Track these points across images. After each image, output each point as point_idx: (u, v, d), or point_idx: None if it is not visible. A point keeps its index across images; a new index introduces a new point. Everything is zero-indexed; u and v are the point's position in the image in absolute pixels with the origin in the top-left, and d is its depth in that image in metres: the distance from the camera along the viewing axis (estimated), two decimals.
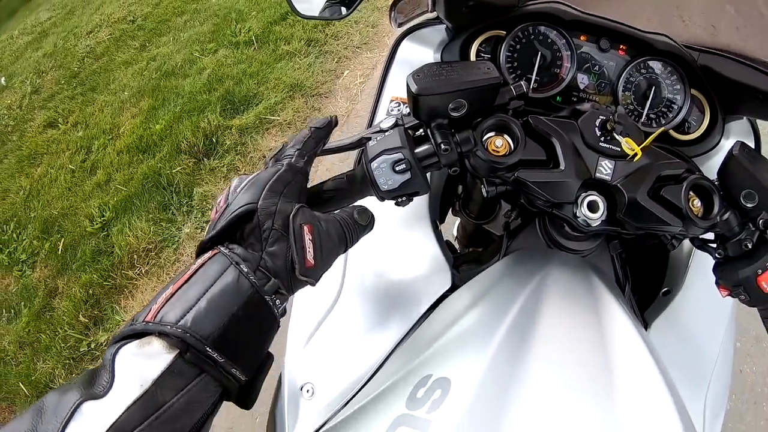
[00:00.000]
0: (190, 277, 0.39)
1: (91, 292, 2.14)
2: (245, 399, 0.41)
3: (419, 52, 0.77)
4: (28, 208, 2.68)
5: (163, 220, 2.32)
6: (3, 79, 3.92)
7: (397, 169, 0.49)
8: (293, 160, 0.49)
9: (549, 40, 0.69)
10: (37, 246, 2.46)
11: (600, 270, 0.63)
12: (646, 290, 0.80)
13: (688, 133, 0.70)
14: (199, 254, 0.43)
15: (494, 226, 0.96)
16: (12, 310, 2.25)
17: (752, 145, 0.75)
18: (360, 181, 0.52)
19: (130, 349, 0.34)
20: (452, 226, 1.39)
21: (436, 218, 0.80)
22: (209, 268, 0.39)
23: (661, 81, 0.69)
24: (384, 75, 0.80)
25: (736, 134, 0.74)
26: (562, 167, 0.53)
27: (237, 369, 0.37)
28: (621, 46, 0.70)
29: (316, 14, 0.80)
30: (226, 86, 2.84)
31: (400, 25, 0.80)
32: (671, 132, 0.69)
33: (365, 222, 0.50)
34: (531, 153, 0.54)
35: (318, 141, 0.52)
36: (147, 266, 2.18)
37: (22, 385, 1.96)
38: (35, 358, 2.03)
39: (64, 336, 2.04)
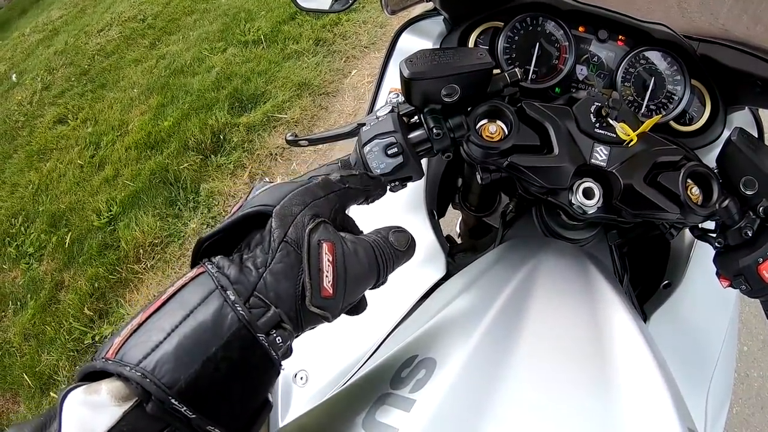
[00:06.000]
0: (166, 301, 0.31)
1: (96, 285, 2.15)
2: None
3: (418, 44, 0.76)
4: (37, 202, 2.70)
5: (170, 215, 2.33)
6: (14, 75, 3.97)
7: (389, 152, 0.49)
8: (331, 175, 0.41)
9: (547, 31, 0.68)
10: (45, 239, 2.48)
11: (597, 259, 0.62)
12: (647, 283, 0.78)
13: (689, 125, 0.68)
14: (195, 259, 0.36)
15: (494, 219, 0.95)
16: (18, 302, 2.27)
17: (754, 134, 0.74)
18: (354, 167, 0.51)
19: (78, 395, 0.27)
20: (455, 226, 1.39)
21: (434, 208, 0.79)
22: (190, 291, 0.31)
23: (661, 71, 0.68)
24: (384, 66, 0.79)
25: (738, 125, 0.73)
26: (555, 152, 0.52)
27: (216, 426, 0.29)
28: (620, 37, 0.69)
29: (316, 6, 0.80)
30: (234, 84, 2.85)
31: (393, 12, 0.78)
32: (672, 123, 0.68)
33: (403, 246, 0.41)
34: (525, 138, 0.53)
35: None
36: (152, 261, 2.20)
37: (26, 377, 1.98)
38: (40, 350, 2.04)
39: (69, 328, 2.05)
